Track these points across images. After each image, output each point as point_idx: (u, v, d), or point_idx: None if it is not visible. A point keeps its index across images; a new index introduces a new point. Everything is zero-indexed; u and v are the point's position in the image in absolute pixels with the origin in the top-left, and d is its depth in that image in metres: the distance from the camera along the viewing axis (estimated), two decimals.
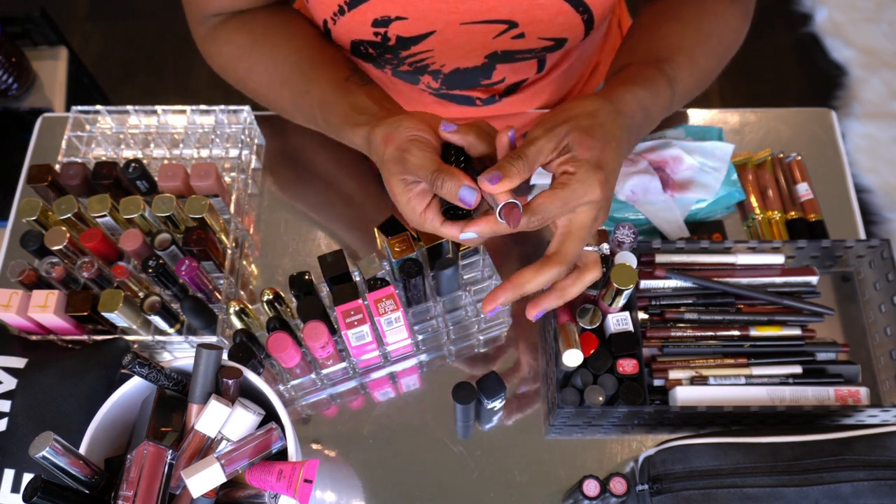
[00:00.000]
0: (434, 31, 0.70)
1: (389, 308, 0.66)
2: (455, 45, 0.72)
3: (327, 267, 0.70)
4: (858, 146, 1.79)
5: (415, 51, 0.73)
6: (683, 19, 0.71)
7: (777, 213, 0.82)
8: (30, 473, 0.66)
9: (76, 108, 0.87)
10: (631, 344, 0.69)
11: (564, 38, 0.73)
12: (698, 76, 0.70)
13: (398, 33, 0.70)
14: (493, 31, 0.71)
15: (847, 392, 0.69)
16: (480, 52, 0.74)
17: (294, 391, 0.73)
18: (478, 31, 0.70)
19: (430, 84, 0.81)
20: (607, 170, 0.57)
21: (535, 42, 0.73)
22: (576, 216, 0.58)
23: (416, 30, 0.70)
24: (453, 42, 0.72)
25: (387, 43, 0.72)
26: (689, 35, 0.70)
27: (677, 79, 0.67)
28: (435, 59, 0.75)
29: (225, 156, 0.87)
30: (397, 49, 0.73)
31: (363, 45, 0.73)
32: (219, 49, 0.74)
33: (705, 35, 0.70)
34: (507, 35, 0.71)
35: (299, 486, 0.53)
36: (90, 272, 0.73)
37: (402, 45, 0.72)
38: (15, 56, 1.44)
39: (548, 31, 0.71)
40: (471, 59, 0.76)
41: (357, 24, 0.69)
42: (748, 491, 0.63)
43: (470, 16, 0.68)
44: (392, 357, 0.74)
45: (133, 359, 0.57)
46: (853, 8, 1.98)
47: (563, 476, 0.71)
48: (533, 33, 0.71)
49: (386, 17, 0.68)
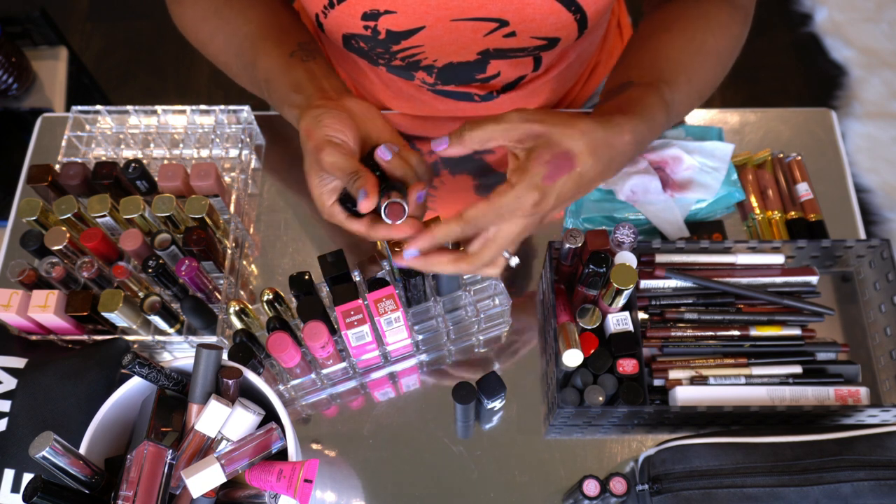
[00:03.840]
0: (424, 27, 0.70)
1: (389, 308, 0.66)
2: (446, 41, 0.72)
3: (327, 267, 0.70)
4: (858, 146, 1.79)
5: (405, 45, 0.73)
6: (686, 34, 0.70)
7: (777, 213, 0.82)
8: (30, 473, 0.66)
9: (76, 108, 0.87)
10: (631, 344, 0.69)
11: (557, 37, 0.72)
12: (695, 95, 0.70)
13: (388, 27, 0.70)
14: (484, 29, 0.70)
15: (847, 392, 0.69)
16: (472, 49, 0.74)
17: (294, 391, 0.73)
18: (468, 28, 0.70)
19: (425, 79, 0.81)
20: (550, 195, 0.57)
21: (528, 41, 0.73)
22: (504, 225, 0.59)
23: (406, 24, 0.70)
24: (444, 38, 0.72)
25: (377, 37, 0.72)
26: (691, 52, 0.69)
27: (675, 101, 0.66)
28: (427, 54, 0.75)
29: (225, 156, 0.86)
30: (388, 43, 0.73)
31: (354, 38, 0.73)
32: (183, 11, 0.75)
33: (707, 52, 0.69)
34: (498, 33, 0.71)
35: (299, 486, 0.53)
36: (90, 272, 0.73)
37: (393, 39, 0.72)
38: (15, 56, 1.44)
39: (539, 30, 0.71)
40: (463, 55, 0.75)
41: (347, 18, 0.69)
42: (748, 491, 0.63)
43: (460, 12, 0.68)
44: (392, 357, 0.74)
45: (133, 359, 0.57)
46: (853, 8, 1.98)
47: (563, 476, 0.71)
48: (524, 32, 0.71)
49: (375, 10, 0.68)
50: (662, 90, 0.65)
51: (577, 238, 0.70)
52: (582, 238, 0.70)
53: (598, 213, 0.80)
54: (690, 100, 0.69)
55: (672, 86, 0.66)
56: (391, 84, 0.85)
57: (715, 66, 0.71)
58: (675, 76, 0.67)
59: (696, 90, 0.69)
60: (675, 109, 0.67)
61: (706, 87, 0.71)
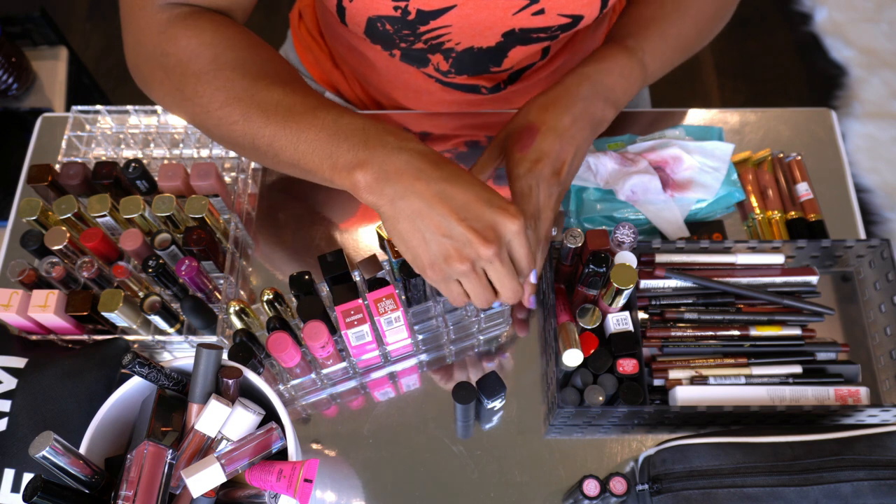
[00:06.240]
0: (455, 6, 0.69)
1: (389, 308, 0.66)
2: (474, 20, 0.72)
3: (327, 267, 0.70)
4: (858, 146, 1.79)
5: (433, 26, 0.72)
6: None
7: (777, 212, 0.82)
8: (30, 473, 0.66)
9: (76, 108, 0.87)
10: (631, 344, 0.69)
11: (581, 15, 0.73)
12: (671, 47, 0.76)
13: (419, 7, 0.69)
14: (515, 7, 0.70)
15: (847, 392, 0.69)
16: (498, 30, 0.74)
17: (294, 391, 0.73)
18: (499, 5, 0.70)
19: (440, 66, 0.81)
20: (538, 158, 0.67)
21: (554, 19, 0.73)
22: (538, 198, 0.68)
23: (438, 3, 0.69)
24: (473, 17, 0.71)
25: (406, 17, 0.70)
26: (666, 10, 0.75)
27: (643, 49, 0.73)
28: (452, 35, 0.74)
29: (225, 156, 0.86)
30: (415, 24, 0.72)
31: (381, 21, 0.71)
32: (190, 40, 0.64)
33: (683, 9, 0.75)
34: (527, 11, 0.71)
35: (299, 485, 0.53)
36: (90, 272, 0.73)
37: (422, 19, 0.71)
38: (15, 56, 1.44)
39: (567, 6, 0.71)
40: (487, 38, 0.75)
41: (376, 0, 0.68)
42: (748, 491, 0.63)
43: None
44: (392, 357, 0.74)
45: (133, 359, 0.57)
46: (853, 8, 1.98)
47: (563, 476, 0.71)
48: (553, 9, 0.71)
49: None
50: (626, 41, 0.73)
51: (577, 238, 0.70)
52: (582, 238, 0.70)
53: (598, 213, 0.80)
54: (667, 50, 0.76)
55: (640, 38, 0.74)
56: (399, 76, 0.84)
57: (694, 20, 0.76)
58: (644, 30, 0.74)
59: (671, 43, 0.76)
60: (647, 56, 0.74)
61: (684, 40, 0.77)
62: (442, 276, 0.58)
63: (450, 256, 0.56)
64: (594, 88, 0.71)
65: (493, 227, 0.56)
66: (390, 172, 0.55)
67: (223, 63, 0.62)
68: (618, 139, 0.85)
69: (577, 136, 0.69)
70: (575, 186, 0.82)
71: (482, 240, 0.55)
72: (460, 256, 0.56)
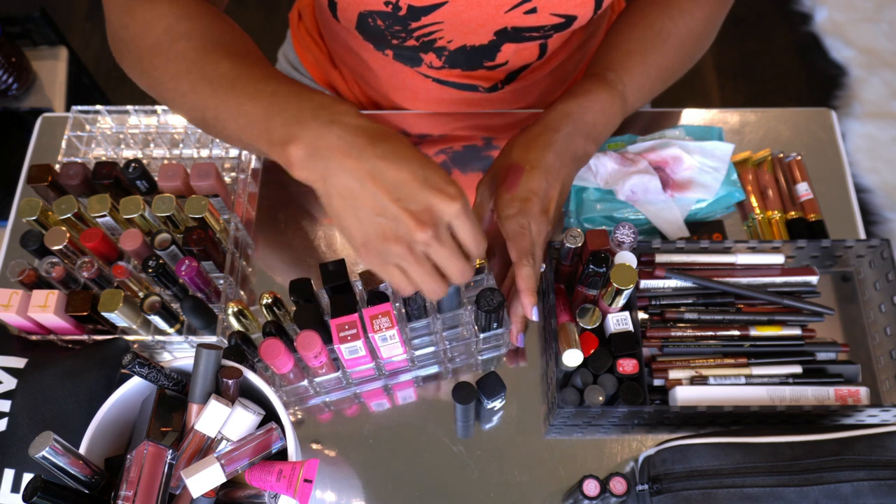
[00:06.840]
0: (446, 2, 0.69)
1: (384, 325, 0.64)
2: (466, 17, 0.71)
3: (328, 276, 0.69)
4: (858, 146, 1.79)
5: (425, 22, 0.72)
6: (645, 21, 0.76)
7: (777, 212, 0.82)
8: (30, 473, 0.66)
9: (76, 108, 0.87)
10: (631, 344, 0.69)
11: (574, 15, 0.73)
12: (654, 77, 0.76)
13: (410, 2, 0.69)
14: (507, 4, 0.70)
15: (847, 392, 0.69)
16: (490, 27, 0.74)
17: (287, 396, 0.72)
18: (491, 3, 0.70)
19: (433, 63, 0.80)
20: (526, 198, 0.69)
21: (547, 18, 0.73)
22: (532, 232, 0.70)
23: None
24: (464, 14, 0.71)
25: (397, 13, 0.70)
26: (648, 38, 0.75)
27: (623, 81, 0.73)
28: (444, 32, 0.74)
29: (225, 156, 0.86)
30: (407, 20, 0.71)
31: (372, 16, 0.71)
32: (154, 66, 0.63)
33: (665, 37, 0.75)
34: (519, 9, 0.71)
35: (299, 486, 0.53)
36: (90, 272, 0.73)
37: (413, 15, 0.71)
38: (15, 56, 1.44)
39: (559, 5, 0.71)
40: (479, 36, 0.75)
41: None
42: (748, 491, 0.63)
43: None
44: (386, 371, 0.74)
45: (133, 359, 0.57)
46: (853, 8, 1.98)
47: (563, 476, 0.71)
48: (546, 8, 0.71)
49: None
50: (606, 75, 0.74)
51: (577, 238, 0.70)
52: (582, 238, 0.70)
53: (598, 213, 0.80)
54: (648, 81, 0.76)
55: (620, 71, 0.74)
56: (394, 75, 0.84)
57: (676, 49, 0.76)
58: (625, 61, 0.74)
59: (654, 73, 0.76)
60: (628, 89, 0.74)
61: (666, 71, 0.77)
62: (379, 258, 0.54)
63: (384, 236, 0.52)
64: (575, 126, 0.72)
65: (429, 210, 0.51)
66: (321, 148, 0.51)
67: (176, 34, 0.61)
68: (618, 139, 0.85)
69: (561, 172, 0.71)
70: (575, 186, 0.82)
71: (416, 222, 0.51)
72: (395, 237, 0.52)
